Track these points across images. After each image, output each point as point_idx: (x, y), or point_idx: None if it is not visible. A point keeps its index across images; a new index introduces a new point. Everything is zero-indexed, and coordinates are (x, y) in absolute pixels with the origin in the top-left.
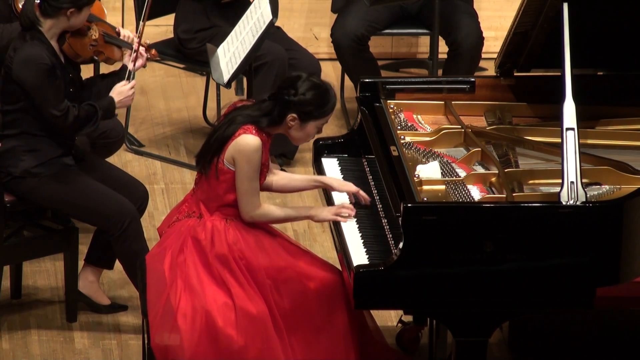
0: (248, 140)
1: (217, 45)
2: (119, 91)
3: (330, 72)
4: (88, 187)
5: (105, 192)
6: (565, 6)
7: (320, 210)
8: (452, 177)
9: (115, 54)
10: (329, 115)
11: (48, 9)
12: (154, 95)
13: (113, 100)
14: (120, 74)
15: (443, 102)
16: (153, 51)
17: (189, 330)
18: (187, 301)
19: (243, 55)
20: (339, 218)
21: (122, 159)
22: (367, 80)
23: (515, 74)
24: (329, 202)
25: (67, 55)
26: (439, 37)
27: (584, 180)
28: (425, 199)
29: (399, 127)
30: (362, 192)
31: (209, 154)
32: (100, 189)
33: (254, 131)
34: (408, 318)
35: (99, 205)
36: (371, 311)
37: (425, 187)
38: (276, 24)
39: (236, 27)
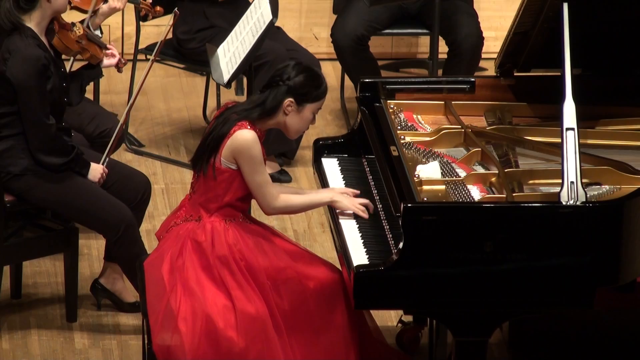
0: (244, 135)
1: (217, 45)
2: (95, 167)
3: (330, 72)
4: (85, 189)
5: (102, 196)
6: (565, 6)
7: (344, 197)
8: (452, 177)
9: (99, 53)
10: (324, 99)
11: (23, 3)
12: (154, 95)
13: (88, 165)
14: (97, 69)
15: (443, 102)
16: (157, 8)
17: (189, 334)
18: (187, 305)
19: (243, 55)
20: (359, 212)
21: (122, 159)
22: (367, 80)
23: (515, 74)
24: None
25: (57, 49)
26: (439, 37)
27: (584, 180)
28: (425, 199)
29: (399, 127)
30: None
31: (205, 154)
32: (97, 192)
33: (248, 126)
34: (408, 318)
35: (96, 208)
36: (371, 311)
37: (425, 187)
38: (276, 24)
39: (236, 27)
